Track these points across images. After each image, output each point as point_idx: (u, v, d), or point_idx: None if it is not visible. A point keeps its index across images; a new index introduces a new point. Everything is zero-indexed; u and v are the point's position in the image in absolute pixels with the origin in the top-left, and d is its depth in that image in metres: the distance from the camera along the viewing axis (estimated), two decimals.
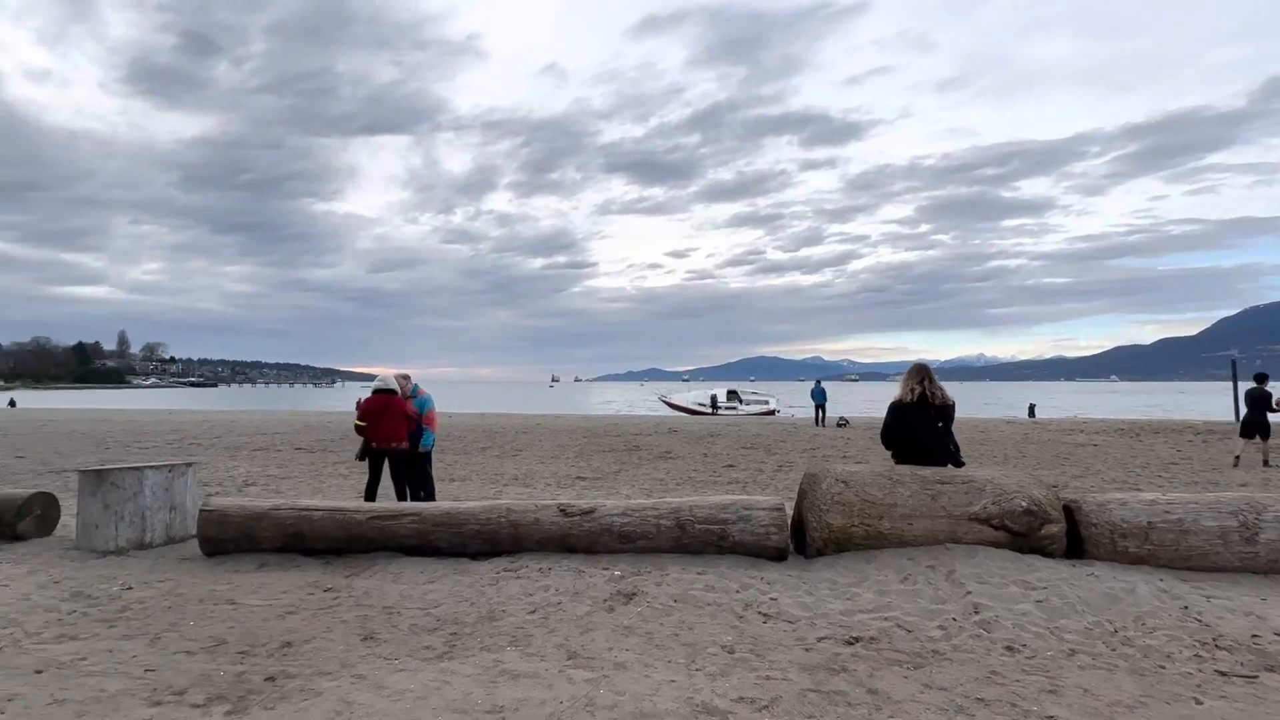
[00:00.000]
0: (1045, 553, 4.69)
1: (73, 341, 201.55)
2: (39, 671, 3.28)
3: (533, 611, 4.10)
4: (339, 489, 9.50)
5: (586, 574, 4.70)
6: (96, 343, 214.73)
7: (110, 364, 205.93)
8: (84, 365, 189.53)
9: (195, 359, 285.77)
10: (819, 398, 26.25)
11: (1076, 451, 15.19)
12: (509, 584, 4.57)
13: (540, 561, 4.95)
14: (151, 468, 5.51)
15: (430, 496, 7.36)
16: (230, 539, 5.20)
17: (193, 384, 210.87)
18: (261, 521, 5.20)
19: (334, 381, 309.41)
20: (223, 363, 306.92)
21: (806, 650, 3.50)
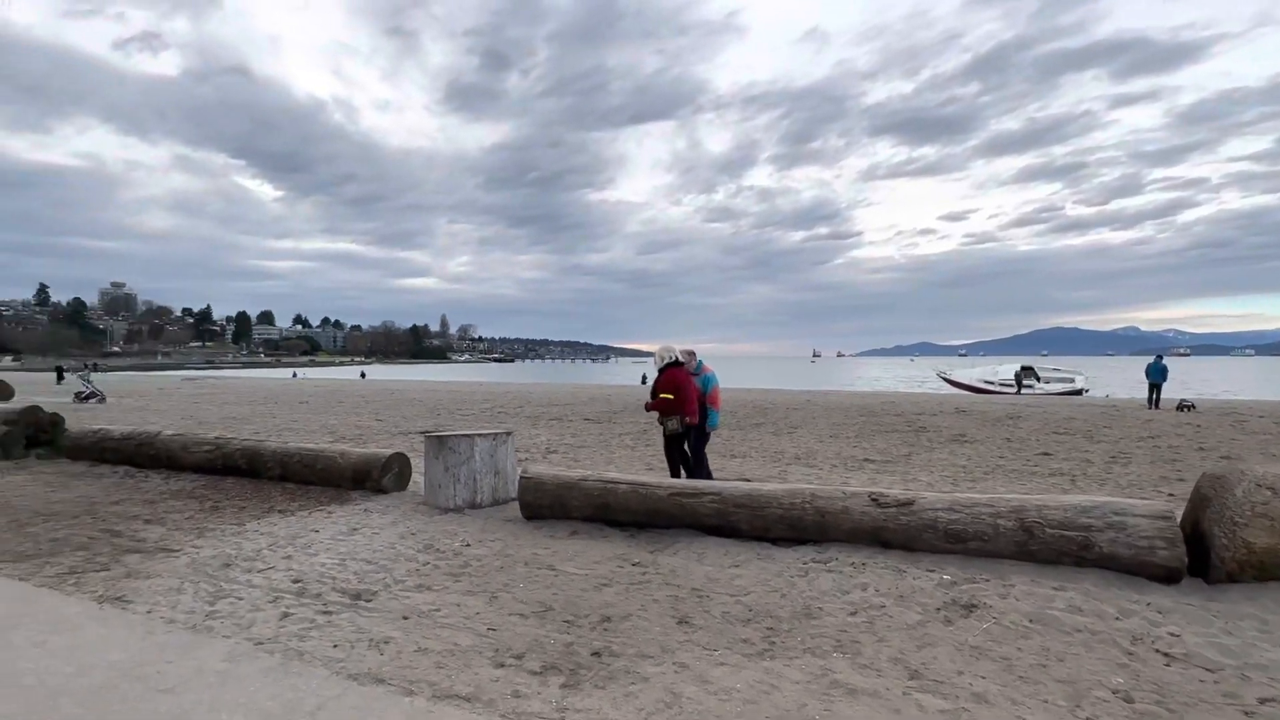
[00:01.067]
0: None
1: (409, 324, 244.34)
2: (405, 618, 3.65)
3: (854, 613, 3.68)
4: (628, 460, 9.91)
5: (909, 575, 4.15)
6: (425, 325, 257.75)
7: (435, 342, 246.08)
8: (417, 344, 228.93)
9: (497, 338, 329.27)
10: (1156, 375, 21.83)
11: None
12: (820, 577, 4.19)
13: (851, 555, 4.50)
14: (480, 435, 6.08)
15: (705, 477, 7.23)
16: (545, 505, 5.53)
17: (495, 359, 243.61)
18: (572, 491, 5.43)
19: (608, 357, 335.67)
20: (518, 340, 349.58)
21: (1248, 715, 2.63)
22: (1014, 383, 36.60)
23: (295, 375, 66.64)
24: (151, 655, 3.16)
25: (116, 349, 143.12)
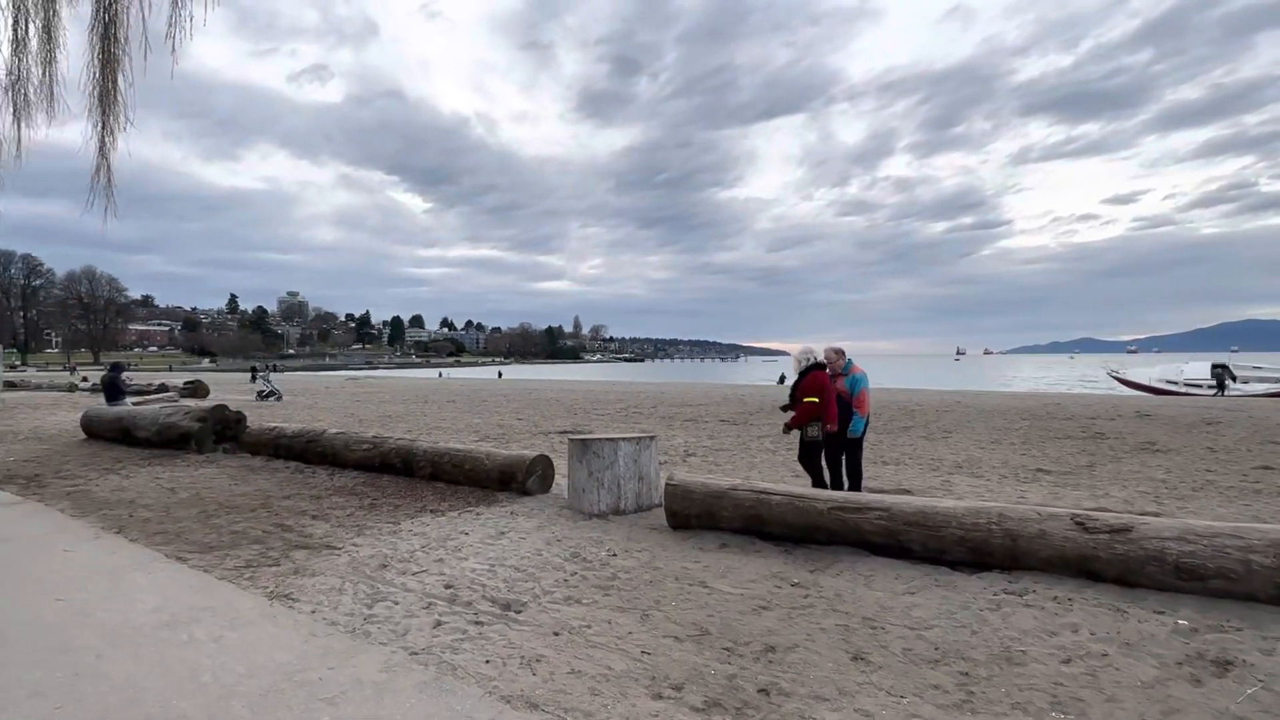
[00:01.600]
0: None
1: (544, 326, 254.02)
2: (556, 634, 3.48)
3: (1067, 661, 3.11)
4: (770, 465, 9.47)
5: (1130, 616, 3.49)
6: (559, 326, 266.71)
7: (569, 343, 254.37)
8: (552, 344, 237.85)
9: (627, 337, 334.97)
10: None
11: None
12: (1017, 613, 3.62)
13: (1051, 587, 3.88)
14: (625, 439, 5.91)
15: (856, 488, 6.66)
16: (693, 515, 5.25)
17: (626, 359, 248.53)
18: (722, 501, 5.12)
19: (738, 357, 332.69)
20: (647, 340, 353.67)
21: None
22: (1210, 382, 32.19)
23: (440, 375, 70.84)
24: (314, 660, 3.17)
25: (291, 351, 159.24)
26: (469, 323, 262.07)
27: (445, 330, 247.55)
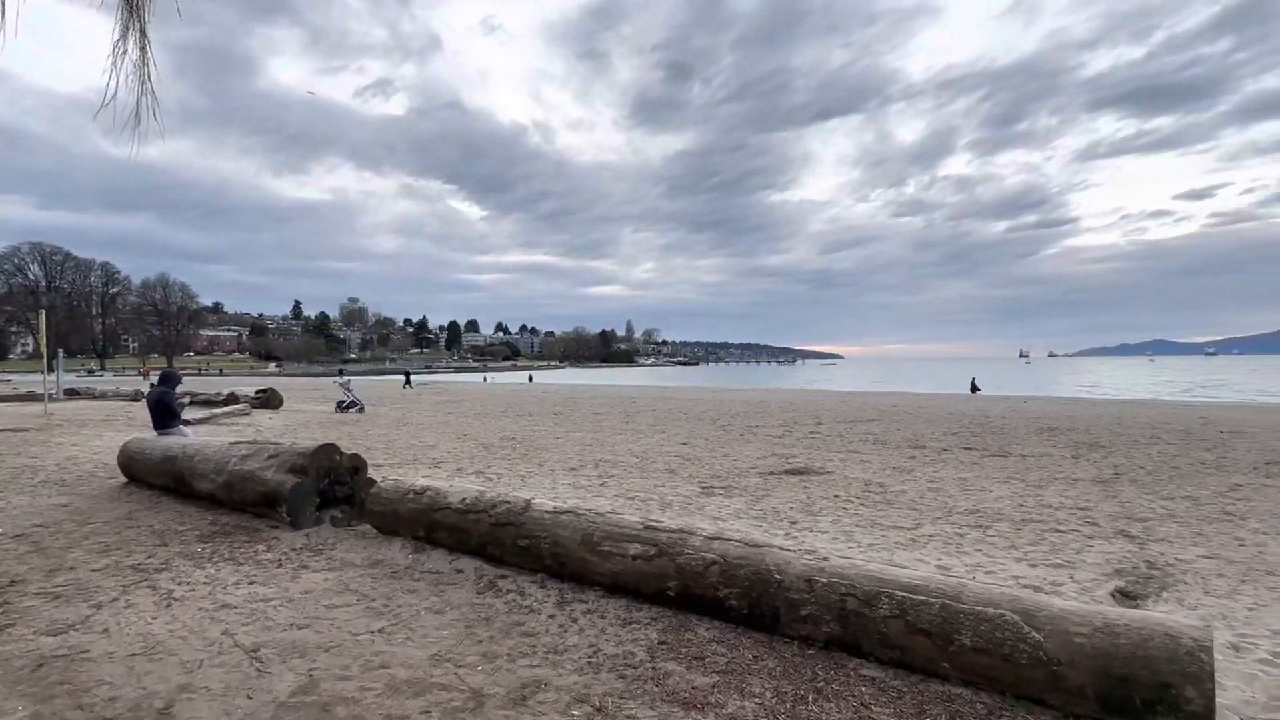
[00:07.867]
0: None
1: (597, 329, 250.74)
2: None
3: None
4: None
5: None
6: (612, 330, 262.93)
7: (623, 346, 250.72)
8: (606, 348, 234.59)
9: (679, 341, 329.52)
10: None
11: None
12: None
13: None
14: None
15: None
16: None
17: (679, 362, 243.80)
18: None
19: (794, 360, 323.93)
20: (698, 343, 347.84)
21: None
22: None
23: (485, 380, 68.85)
24: None
25: (353, 356, 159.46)
26: (523, 327, 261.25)
27: (500, 334, 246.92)
